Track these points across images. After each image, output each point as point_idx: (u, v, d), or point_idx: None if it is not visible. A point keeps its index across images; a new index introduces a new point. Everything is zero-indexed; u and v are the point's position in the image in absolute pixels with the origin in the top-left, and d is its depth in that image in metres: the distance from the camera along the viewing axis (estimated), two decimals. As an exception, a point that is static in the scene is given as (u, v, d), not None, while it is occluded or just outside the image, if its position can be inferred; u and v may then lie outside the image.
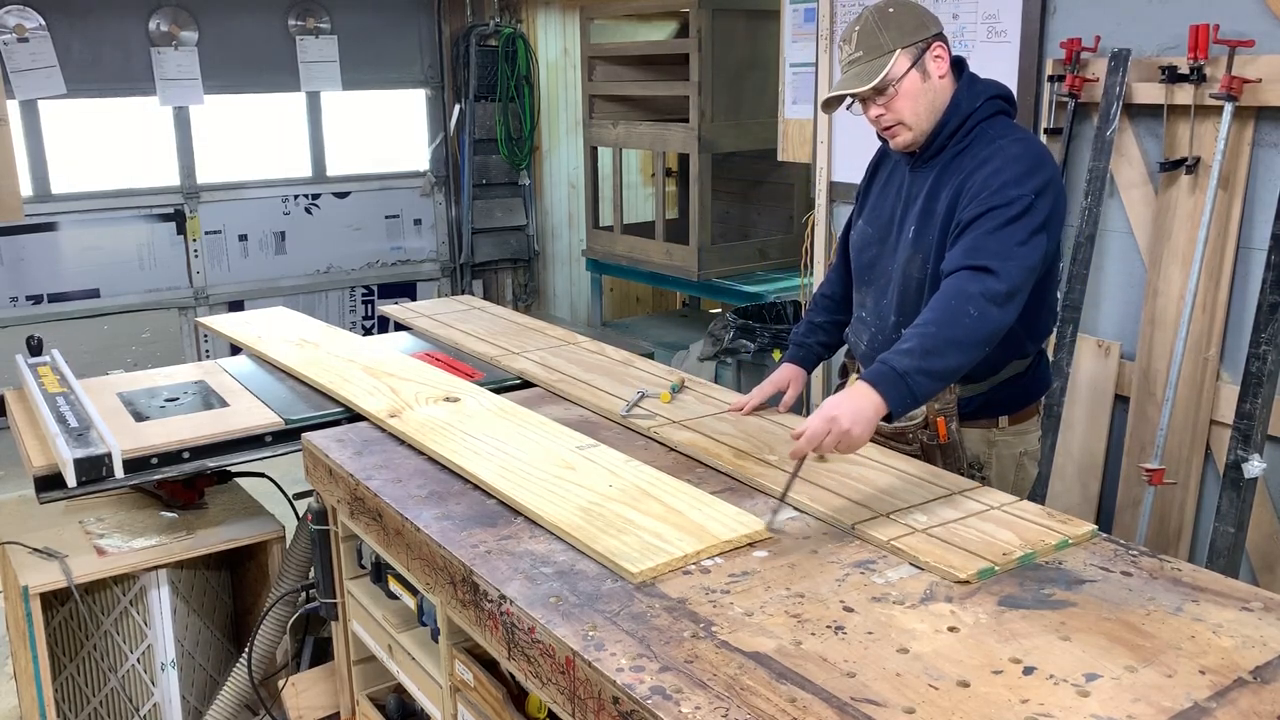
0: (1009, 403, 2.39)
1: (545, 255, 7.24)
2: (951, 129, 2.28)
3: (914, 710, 1.39)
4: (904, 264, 2.34)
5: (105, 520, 2.91)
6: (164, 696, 2.86)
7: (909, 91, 2.25)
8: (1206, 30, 2.85)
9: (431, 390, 2.74)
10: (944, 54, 2.28)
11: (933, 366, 1.98)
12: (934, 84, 2.27)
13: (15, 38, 5.37)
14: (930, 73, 2.26)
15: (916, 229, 2.31)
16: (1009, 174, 2.15)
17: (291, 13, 6.14)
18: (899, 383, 1.96)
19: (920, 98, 2.26)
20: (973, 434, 2.37)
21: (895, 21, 2.24)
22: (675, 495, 2.05)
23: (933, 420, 2.33)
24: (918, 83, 2.25)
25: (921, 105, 2.27)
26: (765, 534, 1.92)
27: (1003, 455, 2.40)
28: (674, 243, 5.26)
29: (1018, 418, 2.41)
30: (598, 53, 5.61)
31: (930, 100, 2.27)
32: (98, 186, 5.82)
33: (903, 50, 2.23)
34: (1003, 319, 2.06)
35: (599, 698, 1.51)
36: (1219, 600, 1.66)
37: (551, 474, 2.17)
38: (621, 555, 1.80)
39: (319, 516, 2.52)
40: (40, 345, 3.25)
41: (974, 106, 2.28)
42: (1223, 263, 2.96)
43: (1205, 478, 3.07)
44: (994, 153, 2.21)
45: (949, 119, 2.28)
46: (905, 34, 2.24)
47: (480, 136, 6.73)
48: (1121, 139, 3.17)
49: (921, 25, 2.25)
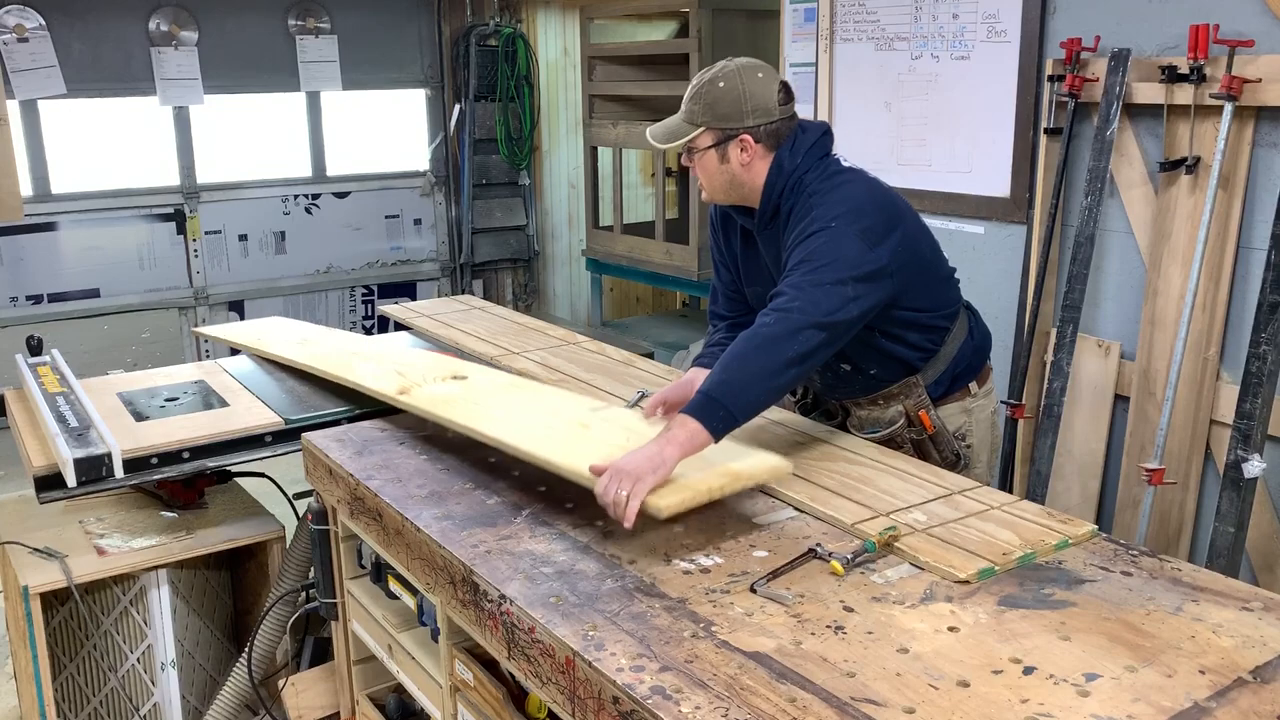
0: (970, 369, 2.48)
1: (545, 255, 7.23)
2: (779, 190, 2.28)
3: (914, 710, 1.39)
4: None
5: (105, 520, 2.91)
6: (164, 696, 2.86)
7: (704, 165, 2.30)
8: (1206, 30, 2.85)
9: (439, 370, 2.77)
10: (751, 148, 2.26)
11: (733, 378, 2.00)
12: (733, 169, 2.28)
13: (15, 38, 5.37)
14: (731, 159, 2.27)
15: None
16: (812, 214, 2.19)
17: (291, 13, 6.14)
18: (707, 402, 1.97)
19: (715, 175, 2.31)
20: (951, 409, 2.45)
21: (716, 99, 2.24)
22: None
23: (916, 417, 2.40)
24: (714, 162, 2.29)
25: (716, 181, 2.32)
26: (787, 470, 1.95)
27: (979, 419, 2.50)
28: (674, 243, 5.26)
29: (982, 379, 2.51)
30: (598, 53, 5.61)
31: (727, 180, 2.31)
32: (98, 186, 5.82)
33: (707, 129, 2.26)
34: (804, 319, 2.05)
35: (599, 698, 1.51)
36: (1219, 600, 1.66)
37: (567, 433, 2.20)
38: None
39: (319, 516, 2.52)
40: (40, 345, 3.25)
41: (794, 164, 2.27)
42: (1223, 263, 2.96)
43: (1205, 478, 3.07)
44: (806, 203, 2.23)
45: (774, 183, 2.28)
46: (715, 116, 2.25)
47: (480, 136, 6.73)
48: (1121, 139, 3.17)
49: (737, 114, 2.24)
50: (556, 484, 2.19)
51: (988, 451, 2.55)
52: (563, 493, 2.14)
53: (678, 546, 1.89)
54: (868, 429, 2.46)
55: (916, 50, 3.74)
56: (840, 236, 2.14)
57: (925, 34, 3.71)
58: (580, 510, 2.05)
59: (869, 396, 2.45)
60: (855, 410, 2.50)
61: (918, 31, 3.73)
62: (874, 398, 2.45)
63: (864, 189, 2.27)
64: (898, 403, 2.42)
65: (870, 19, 3.87)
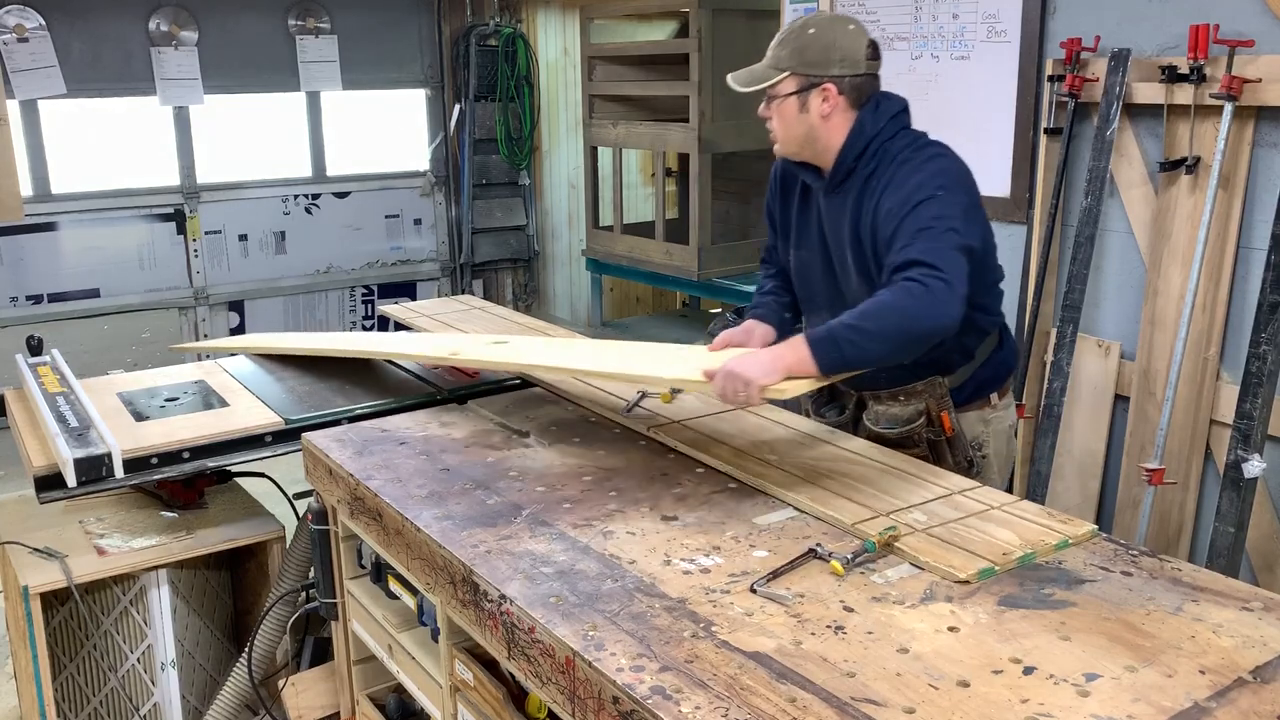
0: (995, 380, 2.49)
1: (545, 255, 7.23)
2: (857, 152, 2.28)
3: (914, 710, 1.39)
4: (854, 289, 2.35)
5: (105, 520, 2.91)
6: (164, 696, 2.86)
7: (783, 113, 2.30)
8: (1206, 30, 2.85)
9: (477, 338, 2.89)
10: (833, 99, 2.26)
11: (866, 327, 2.02)
12: (812, 119, 2.28)
13: (15, 38, 5.37)
14: (811, 109, 2.27)
15: (854, 258, 2.33)
16: (913, 181, 2.19)
17: (291, 13, 6.14)
18: (828, 338, 2.04)
19: (793, 125, 2.30)
20: (969, 417, 2.45)
21: (803, 45, 2.25)
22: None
23: (936, 417, 2.38)
24: (793, 110, 2.28)
25: (793, 132, 2.31)
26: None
27: (996, 431, 2.50)
28: (674, 243, 5.26)
29: (1003, 391, 2.52)
30: (598, 53, 5.61)
31: (804, 132, 2.30)
32: (98, 186, 5.81)
33: (793, 74, 2.26)
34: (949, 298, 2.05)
35: (599, 697, 1.51)
36: (1219, 600, 1.66)
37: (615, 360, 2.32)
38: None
39: (319, 516, 2.52)
40: (40, 345, 3.25)
41: (877, 129, 2.28)
42: (1223, 263, 2.96)
43: (1205, 478, 3.07)
44: (898, 172, 2.23)
45: (852, 145, 2.28)
46: (802, 62, 2.25)
47: (480, 136, 6.73)
48: (1121, 139, 3.17)
49: (824, 63, 2.24)
50: (556, 483, 2.19)
51: (1001, 463, 2.53)
52: (563, 492, 2.14)
53: (678, 546, 1.89)
54: (884, 424, 2.43)
55: (916, 50, 3.74)
56: (950, 204, 2.15)
57: (925, 34, 3.71)
58: (580, 510, 2.05)
59: (891, 390, 2.41)
60: (874, 404, 2.46)
61: (918, 31, 3.73)
62: (896, 392, 2.40)
63: (956, 165, 2.27)
64: (920, 401, 2.38)
65: (870, 19, 3.87)
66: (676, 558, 1.84)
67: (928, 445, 2.40)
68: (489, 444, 2.44)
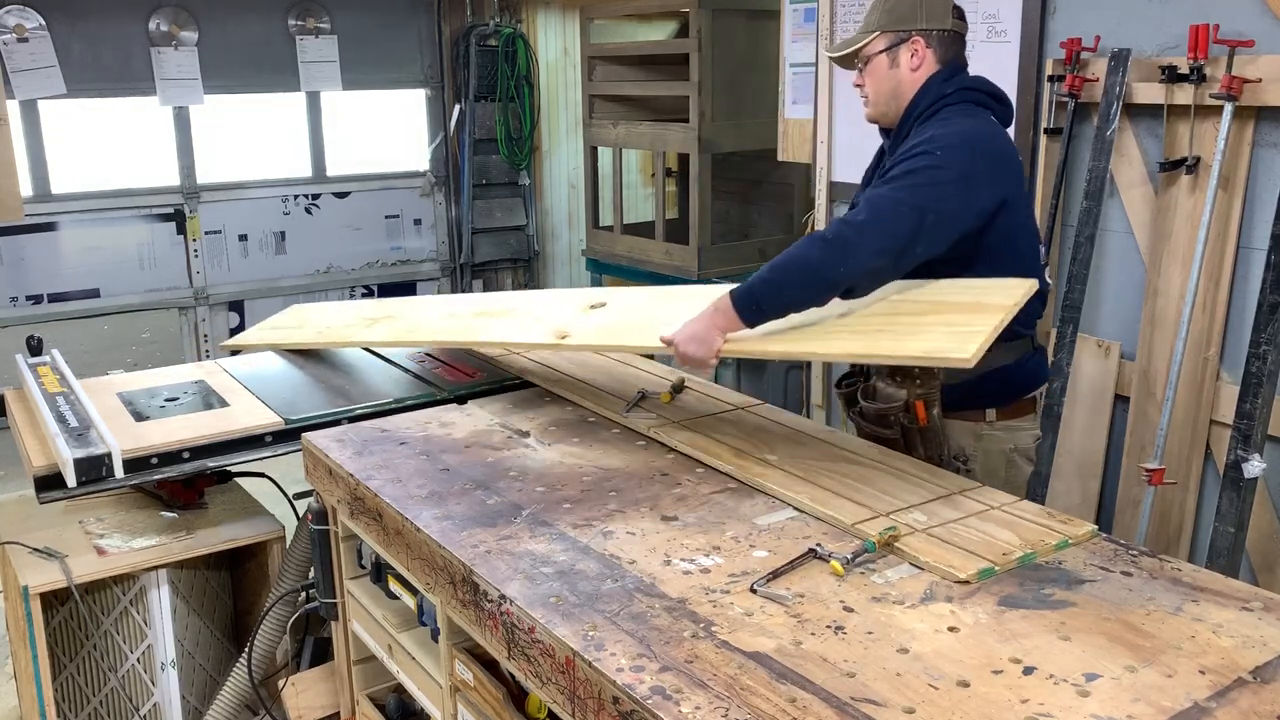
0: (996, 394, 2.36)
1: (545, 255, 7.23)
2: (919, 111, 2.35)
3: (914, 710, 1.39)
4: None
5: (105, 520, 2.91)
6: (164, 696, 2.86)
7: (874, 71, 2.39)
8: (1206, 30, 2.85)
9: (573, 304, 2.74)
10: (921, 50, 2.34)
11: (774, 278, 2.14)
12: (901, 74, 2.36)
13: (15, 38, 5.37)
14: (901, 64, 2.36)
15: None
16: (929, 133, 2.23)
17: (291, 13, 6.14)
18: (747, 294, 2.16)
19: (883, 82, 2.38)
20: (959, 425, 2.36)
21: (894, 4, 2.35)
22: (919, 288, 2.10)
23: (912, 403, 2.31)
24: (884, 67, 2.37)
25: (883, 88, 2.39)
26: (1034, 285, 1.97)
27: (990, 450, 2.38)
28: (674, 243, 5.26)
29: (1007, 412, 2.38)
30: (598, 53, 5.61)
31: (893, 88, 2.38)
32: (98, 186, 5.81)
33: (882, 33, 2.36)
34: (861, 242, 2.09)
35: (599, 698, 1.51)
36: (1219, 600, 1.66)
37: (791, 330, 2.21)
38: (941, 349, 1.81)
39: (319, 516, 2.52)
40: (40, 345, 3.25)
41: (944, 92, 2.34)
42: (1223, 263, 2.96)
43: (1205, 478, 3.07)
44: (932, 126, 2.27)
45: (919, 102, 2.35)
46: (893, 19, 2.35)
47: (480, 136, 6.72)
48: (1121, 139, 3.17)
49: (912, 17, 2.34)
50: (556, 483, 2.19)
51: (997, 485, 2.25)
52: (563, 492, 2.14)
53: (678, 546, 1.89)
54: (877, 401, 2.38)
55: (916, 50, 3.73)
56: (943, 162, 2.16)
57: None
58: (580, 510, 2.05)
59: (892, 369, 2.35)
60: (875, 380, 2.41)
61: (918, 31, 3.73)
62: (895, 372, 2.34)
63: (986, 129, 2.29)
64: (913, 387, 2.32)
65: (870, 19, 3.86)
66: (676, 558, 1.84)
67: (900, 430, 2.34)
68: (489, 444, 2.44)
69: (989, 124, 2.33)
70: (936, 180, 2.15)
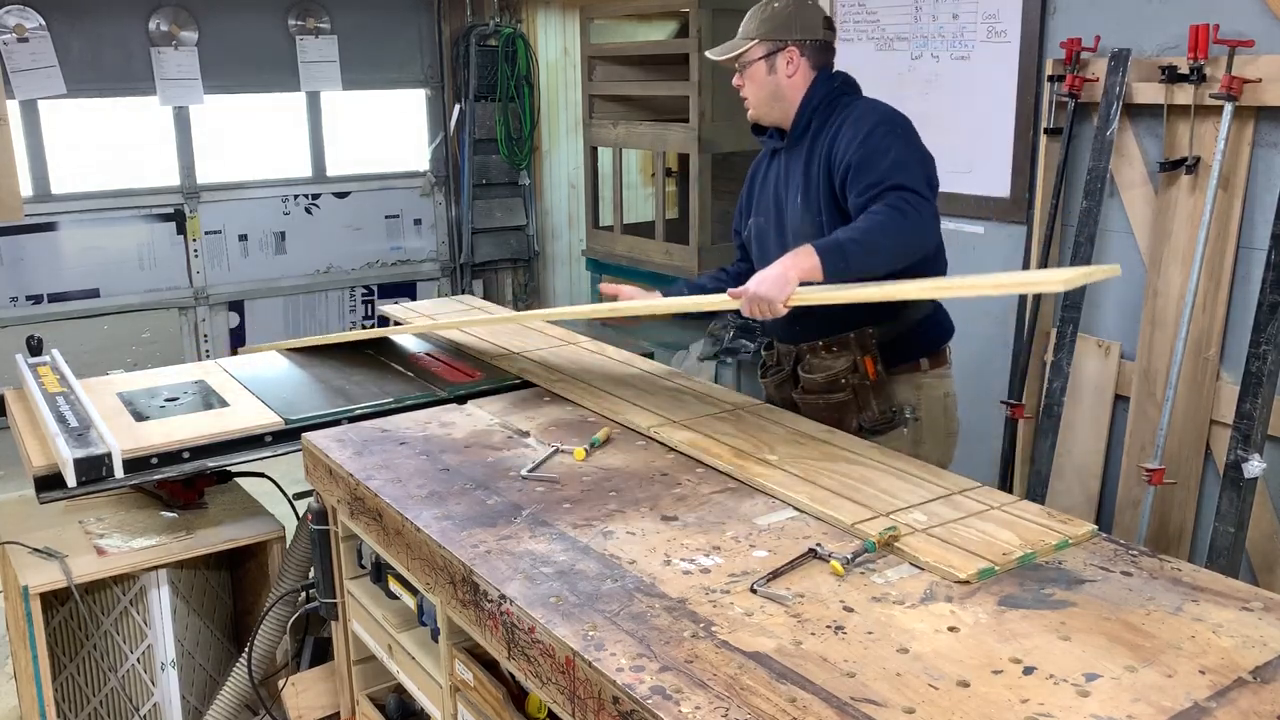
0: (925, 343, 2.62)
1: (545, 255, 7.23)
2: (814, 105, 2.54)
3: (914, 710, 1.39)
4: (796, 229, 2.54)
5: (105, 520, 2.91)
6: (164, 696, 2.86)
7: (753, 76, 2.57)
8: (1206, 30, 2.85)
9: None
10: (796, 60, 2.54)
11: (870, 242, 2.23)
12: (779, 79, 2.55)
13: (15, 38, 5.37)
14: (778, 70, 2.55)
15: (803, 195, 2.54)
16: (869, 122, 2.42)
17: (291, 13, 6.14)
18: (837, 249, 2.22)
19: (762, 86, 2.57)
20: (901, 380, 2.59)
21: (769, 15, 2.54)
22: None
23: (860, 362, 2.53)
24: (762, 72, 2.56)
25: (762, 92, 2.57)
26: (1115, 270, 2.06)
27: (930, 397, 2.62)
28: (674, 243, 5.26)
29: (936, 360, 2.63)
30: (598, 53, 5.61)
31: (771, 91, 2.57)
32: (98, 186, 5.81)
33: (760, 41, 2.54)
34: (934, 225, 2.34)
35: (599, 698, 1.51)
36: (1219, 600, 1.66)
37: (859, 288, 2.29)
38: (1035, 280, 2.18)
39: (319, 516, 2.52)
40: (40, 345, 3.25)
41: (832, 85, 2.56)
42: (1223, 263, 2.96)
43: (1205, 478, 3.07)
44: (851, 113, 2.48)
45: (811, 97, 2.55)
46: (770, 28, 2.54)
47: (480, 136, 6.72)
48: (1121, 139, 3.17)
49: (788, 27, 2.53)
50: (556, 483, 2.19)
51: (941, 435, 2.64)
52: (563, 492, 2.14)
53: (678, 546, 1.89)
54: (818, 374, 2.59)
55: (916, 50, 3.74)
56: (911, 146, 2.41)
57: (925, 34, 3.71)
58: (580, 510, 2.05)
59: (826, 342, 2.58)
60: (810, 358, 2.63)
61: (918, 31, 3.73)
62: (830, 343, 2.58)
63: (907, 120, 2.49)
64: (851, 352, 2.55)
65: (870, 19, 3.87)
66: (676, 558, 1.84)
67: (852, 391, 2.55)
68: (489, 444, 2.44)
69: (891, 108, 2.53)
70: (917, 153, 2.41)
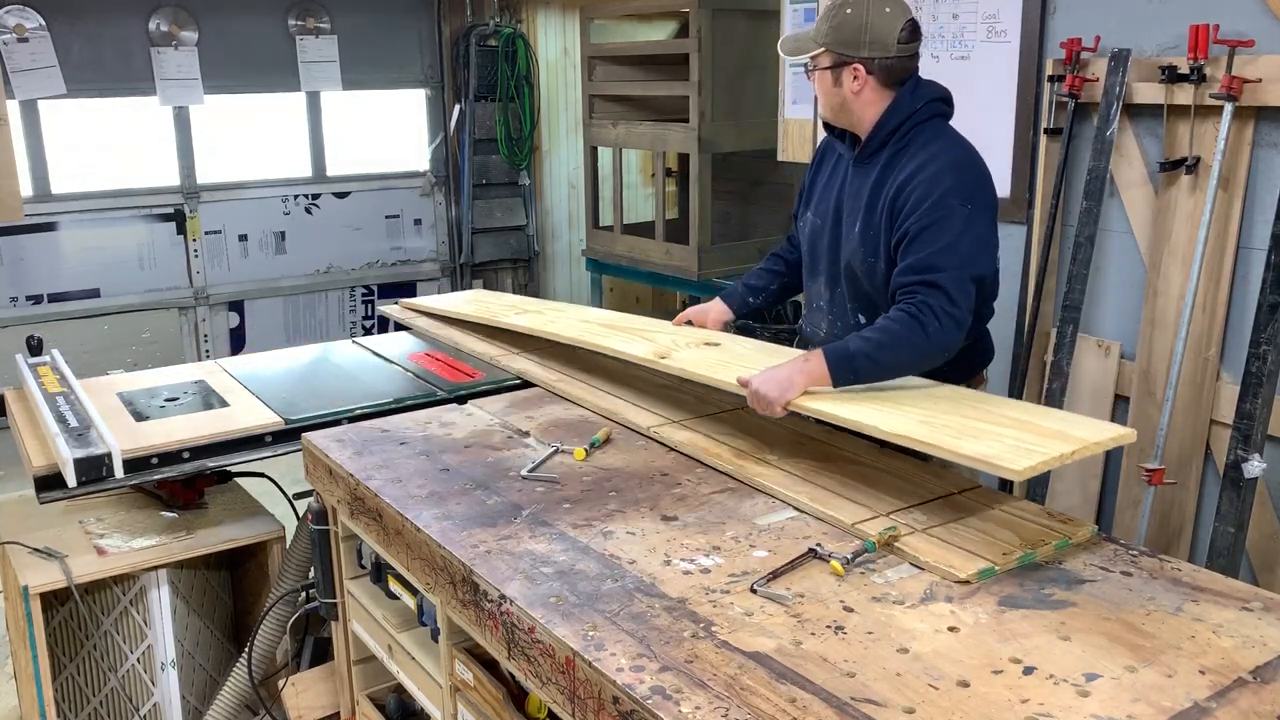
0: (968, 371, 2.54)
1: (545, 255, 7.23)
2: (890, 128, 2.40)
3: (914, 710, 1.39)
4: (849, 256, 2.48)
5: (105, 520, 2.91)
6: (164, 696, 2.86)
7: (820, 81, 2.44)
8: (1206, 30, 2.85)
9: (687, 337, 2.76)
10: (862, 78, 2.38)
11: (882, 358, 2.20)
12: (844, 94, 2.41)
13: (15, 38, 5.37)
14: (844, 84, 2.40)
15: (861, 224, 2.45)
16: (943, 183, 2.28)
17: (291, 13, 6.14)
18: (847, 361, 2.19)
19: (829, 95, 2.44)
20: None
21: (840, 24, 2.37)
22: (1014, 408, 2.07)
23: None
24: (828, 82, 2.42)
25: (830, 101, 2.45)
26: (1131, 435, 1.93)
27: None
28: (674, 243, 5.26)
29: (975, 382, 2.57)
30: (598, 53, 5.60)
31: (838, 103, 2.44)
32: (98, 186, 5.81)
33: (827, 51, 2.40)
34: (957, 334, 2.24)
35: (599, 697, 1.51)
36: (1219, 600, 1.66)
37: (863, 395, 2.20)
38: (996, 457, 1.78)
39: (319, 516, 2.52)
40: (40, 345, 3.25)
41: (914, 108, 2.40)
42: (1223, 263, 2.96)
43: (1205, 478, 3.07)
44: (930, 158, 2.32)
45: (888, 120, 2.39)
46: (836, 39, 2.38)
47: (480, 136, 6.72)
48: (1121, 139, 3.17)
49: (855, 44, 2.36)
50: (556, 483, 2.19)
51: None
52: (563, 492, 2.14)
53: (678, 546, 1.89)
54: None
55: (916, 50, 3.73)
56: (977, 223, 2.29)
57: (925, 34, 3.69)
58: (580, 510, 2.05)
59: None
60: None
61: (918, 31, 3.73)
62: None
63: (986, 172, 2.38)
64: None
65: (870, 19, 3.86)
66: (676, 558, 1.84)
67: None
68: (489, 444, 2.44)
69: (960, 139, 2.41)
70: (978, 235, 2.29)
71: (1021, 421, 1.97)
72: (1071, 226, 3.31)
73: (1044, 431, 1.89)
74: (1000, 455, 1.78)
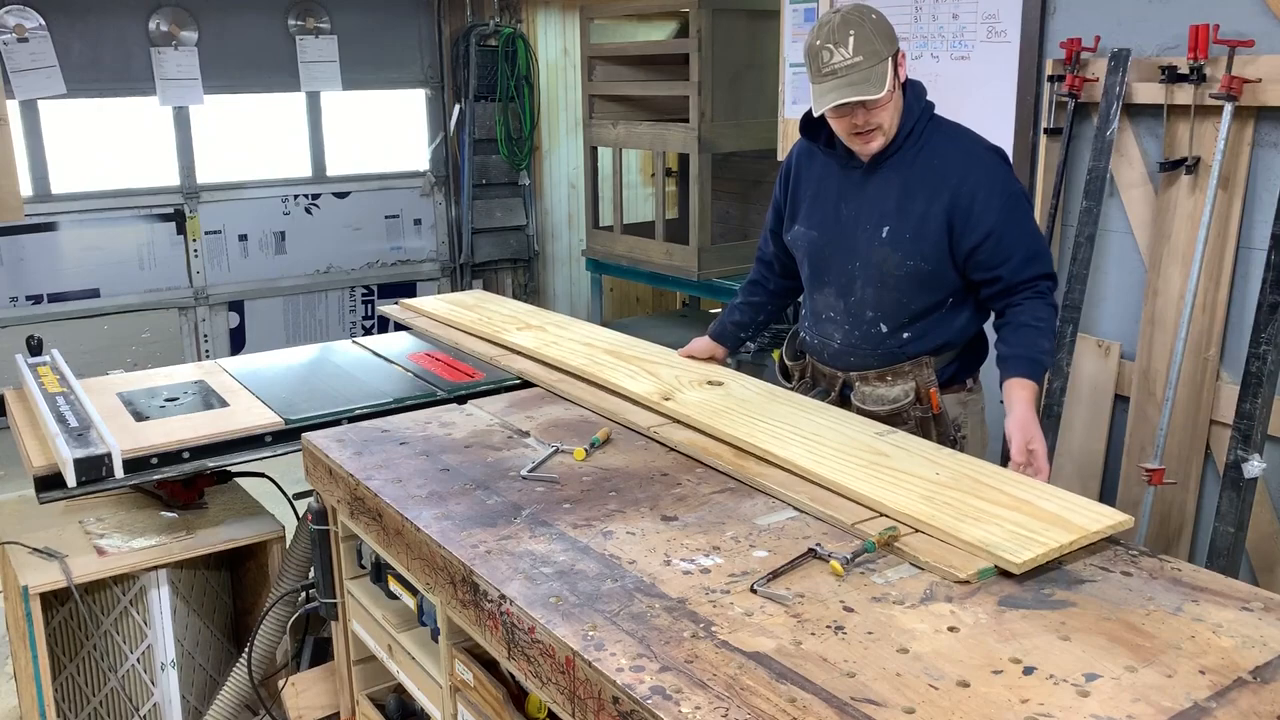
0: (972, 364, 2.62)
1: (545, 255, 7.24)
2: (906, 131, 2.42)
3: (914, 710, 1.39)
4: (879, 263, 2.46)
5: (105, 520, 2.91)
6: (164, 696, 2.86)
7: (894, 98, 2.37)
8: (1206, 30, 2.85)
9: (690, 375, 2.77)
10: (903, 63, 2.40)
11: (1052, 349, 2.44)
12: (899, 93, 2.41)
13: (15, 38, 5.37)
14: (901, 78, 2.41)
15: (892, 228, 2.43)
16: (1000, 183, 2.41)
17: (291, 13, 6.14)
18: (1043, 370, 2.40)
19: (896, 106, 2.39)
20: (949, 399, 2.56)
21: (882, 30, 2.32)
22: (1014, 485, 2.05)
23: (926, 395, 2.50)
24: (896, 91, 2.37)
25: (896, 113, 2.40)
26: (1129, 522, 1.90)
27: (973, 412, 2.62)
28: (674, 243, 5.26)
29: (975, 376, 2.65)
30: (598, 53, 5.61)
31: (898, 107, 2.40)
32: (98, 186, 5.81)
33: (890, 57, 2.32)
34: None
35: (599, 698, 1.51)
36: (1219, 600, 1.66)
37: (866, 459, 2.17)
38: (996, 546, 1.77)
39: (319, 516, 2.52)
40: (40, 345, 3.24)
41: (921, 105, 2.45)
42: (1223, 263, 2.96)
43: (1205, 478, 3.07)
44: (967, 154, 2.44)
45: (911, 109, 2.43)
46: (890, 42, 2.33)
47: (480, 136, 6.73)
48: (1121, 139, 3.17)
49: (895, 35, 2.36)
50: (556, 483, 2.19)
51: (978, 449, 2.62)
52: (563, 492, 2.14)
53: (678, 546, 1.89)
54: (871, 403, 2.54)
55: (916, 50, 3.74)
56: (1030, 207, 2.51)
57: (925, 34, 3.71)
58: (580, 510, 2.05)
59: (880, 371, 2.53)
60: (861, 385, 2.57)
61: (918, 31, 3.73)
62: (884, 373, 2.53)
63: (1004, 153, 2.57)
64: (907, 380, 2.51)
65: (870, 19, 3.86)
66: (676, 558, 1.84)
67: (916, 423, 2.50)
68: (489, 444, 2.44)
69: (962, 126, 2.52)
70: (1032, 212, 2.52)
71: (1021, 502, 1.96)
72: (1071, 226, 3.31)
73: (1043, 516, 1.89)
74: (1000, 545, 1.78)
